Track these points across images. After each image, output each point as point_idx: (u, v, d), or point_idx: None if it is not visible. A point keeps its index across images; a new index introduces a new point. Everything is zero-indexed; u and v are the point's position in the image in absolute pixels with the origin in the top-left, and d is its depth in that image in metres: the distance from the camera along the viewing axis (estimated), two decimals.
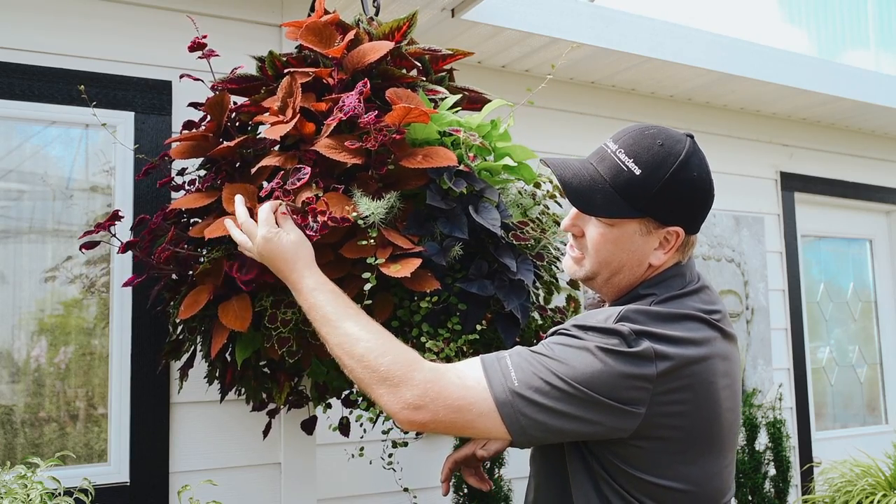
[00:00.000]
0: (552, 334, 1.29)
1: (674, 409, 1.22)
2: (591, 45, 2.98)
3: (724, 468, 1.32)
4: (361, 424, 1.79)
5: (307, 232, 1.43)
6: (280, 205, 1.45)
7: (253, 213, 1.49)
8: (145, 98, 2.18)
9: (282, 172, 1.52)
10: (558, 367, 1.21)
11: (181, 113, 2.14)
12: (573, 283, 1.95)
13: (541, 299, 1.83)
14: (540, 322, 1.77)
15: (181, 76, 1.88)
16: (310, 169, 1.49)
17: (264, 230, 1.42)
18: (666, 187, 1.29)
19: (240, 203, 1.49)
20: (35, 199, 2.11)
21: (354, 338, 1.30)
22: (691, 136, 1.36)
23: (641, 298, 1.33)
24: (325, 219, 1.43)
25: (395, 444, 1.91)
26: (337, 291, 1.38)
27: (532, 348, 1.27)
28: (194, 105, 1.90)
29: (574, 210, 1.37)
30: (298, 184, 1.47)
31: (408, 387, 1.23)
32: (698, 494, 1.27)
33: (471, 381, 1.23)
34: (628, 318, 1.24)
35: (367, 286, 1.44)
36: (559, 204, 1.89)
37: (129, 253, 1.96)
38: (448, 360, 1.55)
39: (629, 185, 1.29)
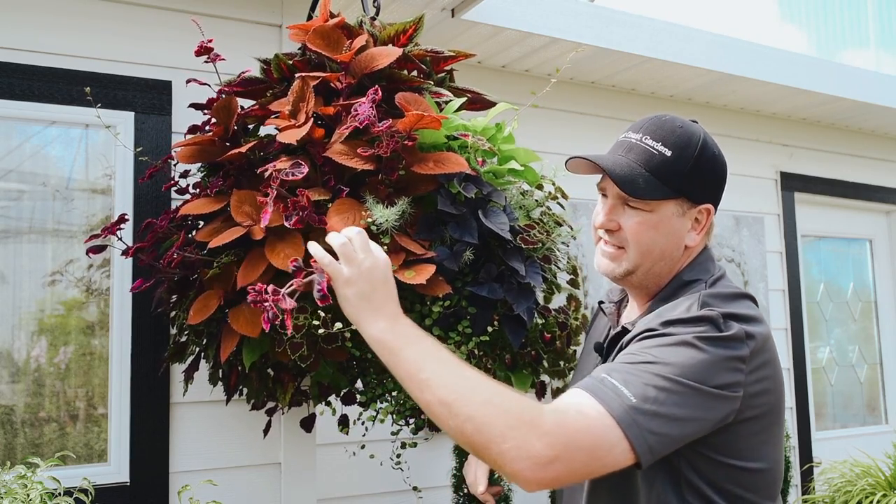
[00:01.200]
0: (635, 341, 1.25)
1: (759, 387, 1.24)
2: (591, 45, 2.97)
3: (784, 441, 1.38)
4: (363, 423, 1.79)
5: (286, 223, 1.42)
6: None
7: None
8: (145, 98, 2.18)
9: (279, 169, 1.52)
10: (663, 368, 1.15)
11: (181, 113, 2.14)
12: (573, 283, 1.95)
13: (541, 299, 1.83)
14: (542, 322, 1.77)
15: (188, 81, 1.88)
16: (307, 166, 1.49)
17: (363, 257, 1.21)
18: (696, 165, 1.35)
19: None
20: (35, 200, 2.10)
21: (465, 385, 1.12)
22: (696, 122, 1.44)
23: (688, 286, 1.36)
24: (304, 214, 1.42)
25: (403, 445, 1.91)
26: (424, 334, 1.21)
27: (624, 360, 1.20)
28: (195, 106, 1.90)
29: (606, 205, 1.39)
30: (299, 177, 1.47)
31: (535, 435, 1.06)
32: (774, 472, 1.30)
33: (589, 410, 1.10)
34: (709, 303, 1.26)
35: None
36: (561, 205, 1.89)
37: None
38: None
39: (663, 167, 1.34)
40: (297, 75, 1.62)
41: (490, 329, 1.58)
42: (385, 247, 1.46)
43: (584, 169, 1.41)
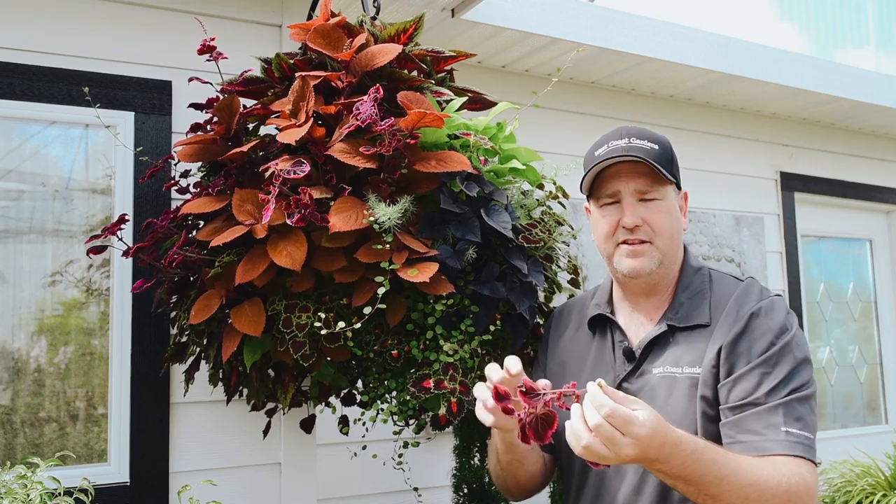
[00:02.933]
0: (776, 346, 1.40)
1: None
2: (591, 45, 2.97)
3: None
4: (363, 423, 1.79)
5: (289, 221, 1.43)
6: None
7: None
8: (145, 98, 2.18)
9: (280, 168, 1.52)
10: (807, 391, 1.39)
11: (181, 113, 2.14)
12: (574, 283, 1.95)
13: (542, 299, 1.83)
14: (542, 322, 1.77)
15: (190, 79, 1.88)
16: (308, 165, 1.49)
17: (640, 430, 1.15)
18: (674, 154, 1.52)
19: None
20: (35, 200, 2.10)
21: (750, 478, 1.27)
22: None
23: (699, 271, 1.54)
24: (306, 212, 1.43)
25: (405, 445, 1.91)
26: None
27: (800, 393, 1.37)
28: (195, 106, 1.90)
29: (626, 204, 1.47)
30: (300, 175, 1.47)
31: None
32: None
33: (809, 478, 1.32)
34: (768, 291, 1.49)
35: (381, 290, 1.44)
36: (562, 205, 1.89)
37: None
38: (462, 361, 1.55)
39: (658, 157, 1.47)
40: (297, 74, 1.62)
41: (492, 328, 1.58)
42: (388, 245, 1.46)
43: (614, 177, 1.49)
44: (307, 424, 1.97)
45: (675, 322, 1.48)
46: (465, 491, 2.60)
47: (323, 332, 1.47)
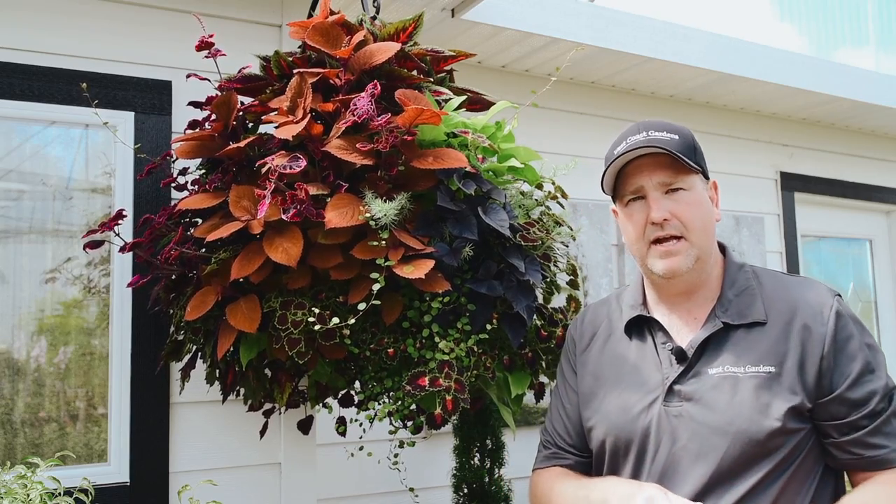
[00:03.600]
0: (871, 351, 1.37)
1: None
2: (591, 45, 2.97)
3: None
4: (360, 424, 1.79)
5: (284, 217, 1.43)
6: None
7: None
8: (145, 98, 2.18)
9: (277, 163, 1.51)
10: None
11: (181, 113, 2.14)
12: (573, 284, 1.95)
13: (541, 299, 1.83)
14: (540, 322, 1.77)
15: (188, 76, 1.88)
16: (305, 160, 1.49)
17: None
18: (696, 143, 1.46)
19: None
20: (35, 199, 2.10)
21: None
22: None
23: (742, 268, 1.48)
24: (302, 208, 1.43)
25: (402, 444, 1.91)
26: None
27: (867, 404, 1.33)
28: (195, 104, 1.90)
29: (653, 199, 1.42)
30: (297, 171, 1.47)
31: None
32: None
33: None
34: (833, 289, 1.43)
35: (376, 287, 1.44)
36: (561, 205, 1.89)
37: (130, 252, 1.96)
38: (459, 360, 1.55)
39: (680, 146, 1.41)
40: (295, 71, 1.62)
41: (489, 327, 1.58)
42: (384, 242, 1.46)
43: (636, 173, 1.44)
44: (305, 426, 1.97)
45: (730, 319, 1.40)
46: (465, 491, 2.60)
47: (317, 328, 1.47)
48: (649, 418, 1.40)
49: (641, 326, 1.50)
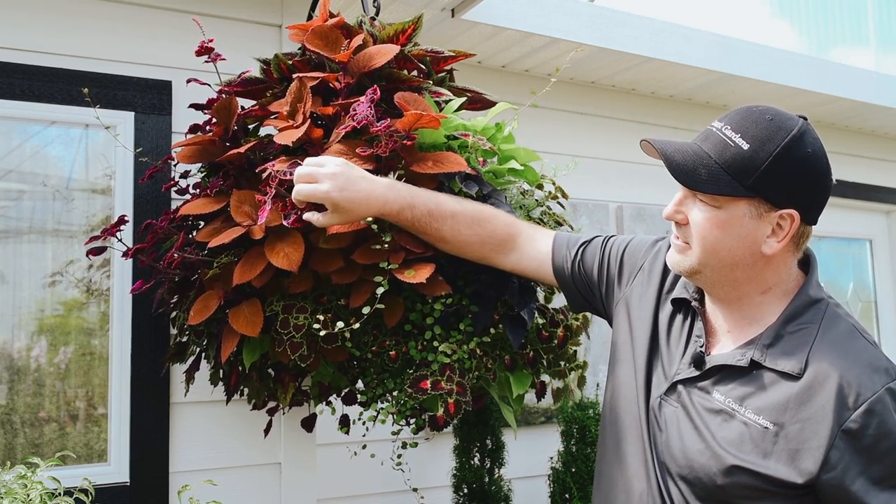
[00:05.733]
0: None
1: None
2: (591, 45, 2.98)
3: None
4: (364, 423, 1.79)
5: (284, 222, 1.43)
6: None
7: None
8: (145, 98, 2.18)
9: (277, 169, 1.52)
10: None
11: (181, 113, 2.14)
12: None
13: (541, 298, 1.83)
14: (541, 322, 1.77)
15: (188, 81, 1.88)
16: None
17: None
18: (777, 162, 1.20)
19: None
20: (35, 200, 2.10)
21: None
22: (805, 118, 1.28)
23: (815, 304, 1.25)
24: (303, 213, 1.43)
25: (404, 445, 1.91)
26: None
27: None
28: (195, 106, 1.90)
29: (677, 196, 1.28)
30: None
31: None
32: None
33: None
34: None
35: (380, 290, 1.44)
36: (561, 205, 1.89)
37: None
38: (460, 362, 1.55)
39: (735, 160, 1.20)
40: (294, 76, 1.62)
41: (493, 331, 1.59)
42: (385, 245, 1.46)
43: (654, 153, 1.29)
44: (308, 423, 1.97)
45: (762, 359, 1.22)
46: (465, 491, 2.60)
47: (321, 332, 1.47)
48: (653, 402, 1.34)
49: (688, 309, 1.37)
